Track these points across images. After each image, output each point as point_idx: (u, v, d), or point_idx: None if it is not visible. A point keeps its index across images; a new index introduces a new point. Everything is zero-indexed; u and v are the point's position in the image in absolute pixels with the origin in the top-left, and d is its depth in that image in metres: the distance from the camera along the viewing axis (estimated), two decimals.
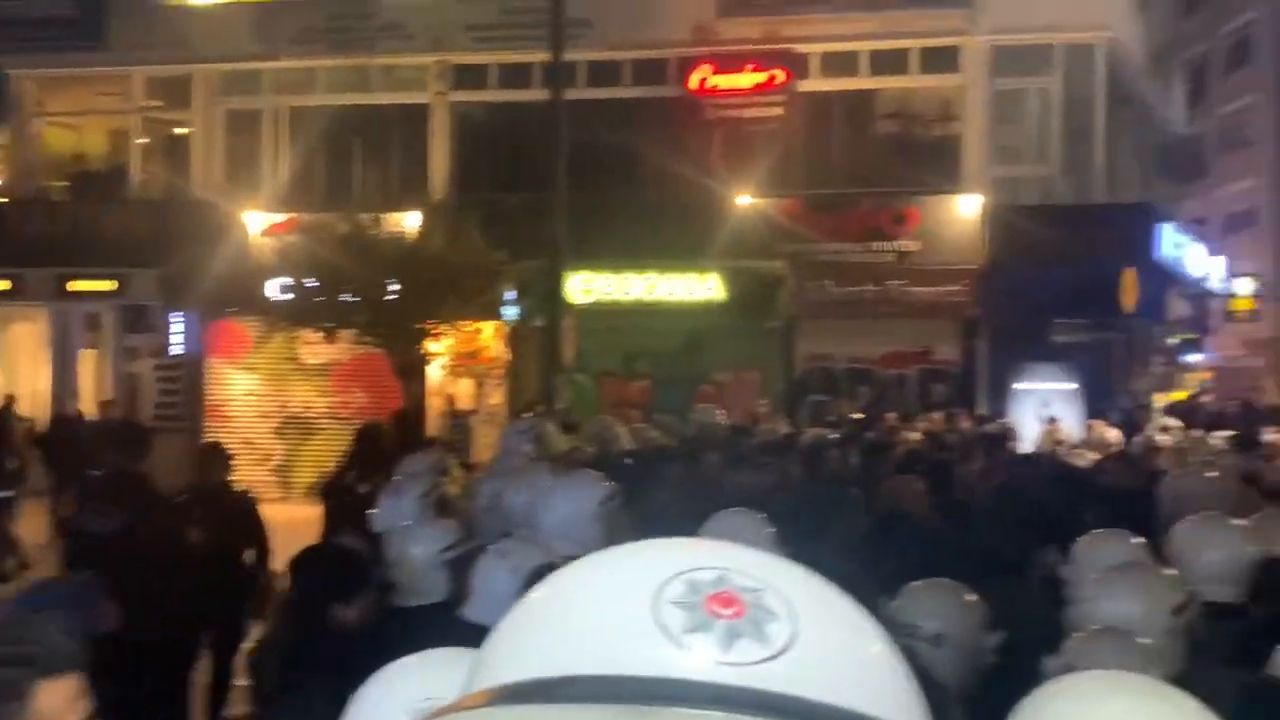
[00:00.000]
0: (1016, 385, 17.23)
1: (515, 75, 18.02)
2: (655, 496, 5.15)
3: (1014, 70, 17.22)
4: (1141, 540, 3.57)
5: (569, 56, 14.97)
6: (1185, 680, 2.75)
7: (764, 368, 17.61)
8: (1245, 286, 30.27)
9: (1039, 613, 3.64)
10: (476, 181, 18.51)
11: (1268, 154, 37.48)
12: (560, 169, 11.36)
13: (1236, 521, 3.66)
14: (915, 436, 9.92)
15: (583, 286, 16.98)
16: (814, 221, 17.17)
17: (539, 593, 0.66)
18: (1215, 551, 3.43)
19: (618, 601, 0.61)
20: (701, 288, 17.08)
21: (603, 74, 18.00)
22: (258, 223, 18.40)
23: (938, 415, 12.72)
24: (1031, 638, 3.12)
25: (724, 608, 0.60)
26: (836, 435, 9.37)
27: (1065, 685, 1.61)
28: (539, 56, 14.40)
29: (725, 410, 12.43)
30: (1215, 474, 5.74)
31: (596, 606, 0.62)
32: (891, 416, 11.93)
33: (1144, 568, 3.22)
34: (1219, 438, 9.58)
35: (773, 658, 0.58)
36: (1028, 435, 13.68)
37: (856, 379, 17.44)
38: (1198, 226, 31.46)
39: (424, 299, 14.96)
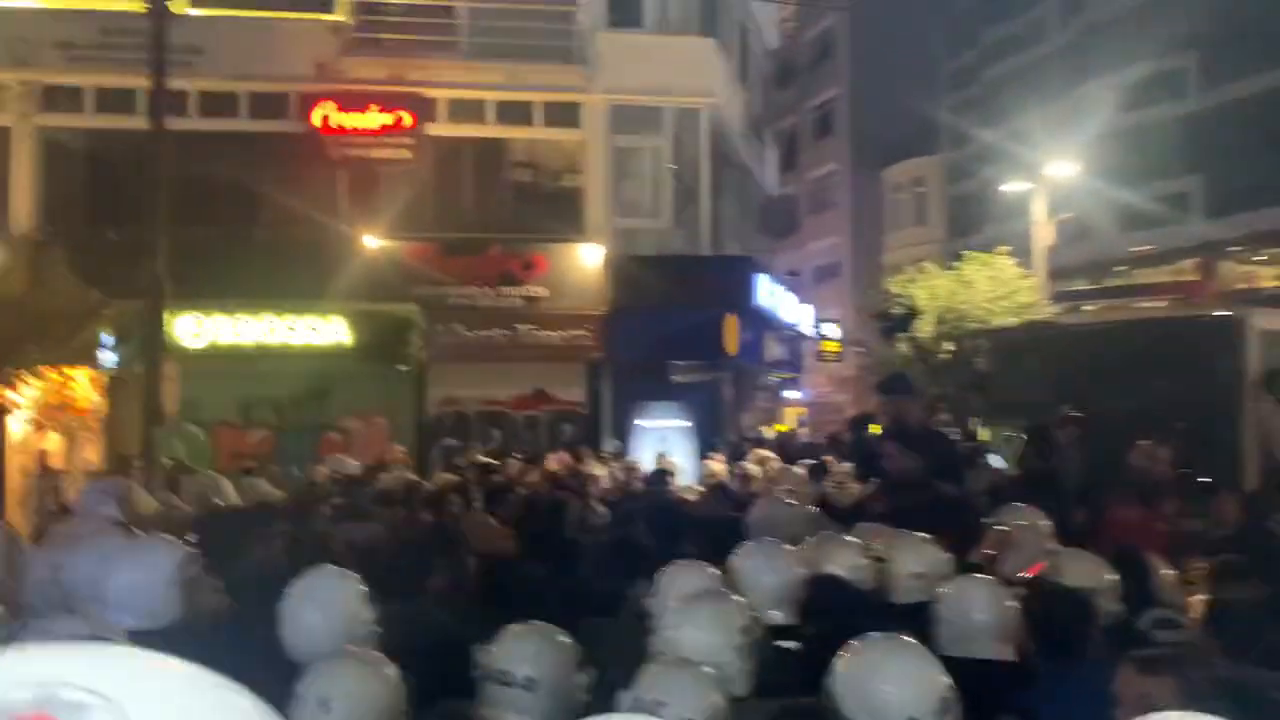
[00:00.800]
0: (638, 422, 18.22)
1: (115, 100, 16.54)
2: (255, 556, 4.86)
3: (629, 128, 18.33)
4: (715, 570, 3.85)
5: (179, 84, 14.00)
6: (743, 707, 3.03)
7: (394, 413, 17.27)
8: (832, 331, 34.05)
9: (632, 647, 3.83)
10: (68, 214, 16.73)
11: (847, 215, 42.72)
12: (160, 202, 10.52)
13: (788, 546, 4.06)
14: (534, 478, 10.14)
15: (193, 330, 15.82)
16: (444, 265, 17.19)
17: None
18: (771, 576, 3.78)
19: None
20: (327, 331, 16.46)
21: (217, 105, 17.01)
22: None
23: (558, 456, 13.08)
24: (622, 674, 3.29)
25: None
26: (459, 480, 9.39)
27: None
28: (140, 81, 13.30)
29: (355, 458, 12.02)
30: (792, 501, 6.35)
31: None
32: (514, 460, 12.11)
33: (714, 595, 3.47)
34: (803, 467, 10.59)
35: None
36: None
37: (488, 422, 17.60)
38: (791, 278, 35.11)
39: (1, 343, 13.21)
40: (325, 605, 3.26)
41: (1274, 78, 26.21)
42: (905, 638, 2.97)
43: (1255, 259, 27.67)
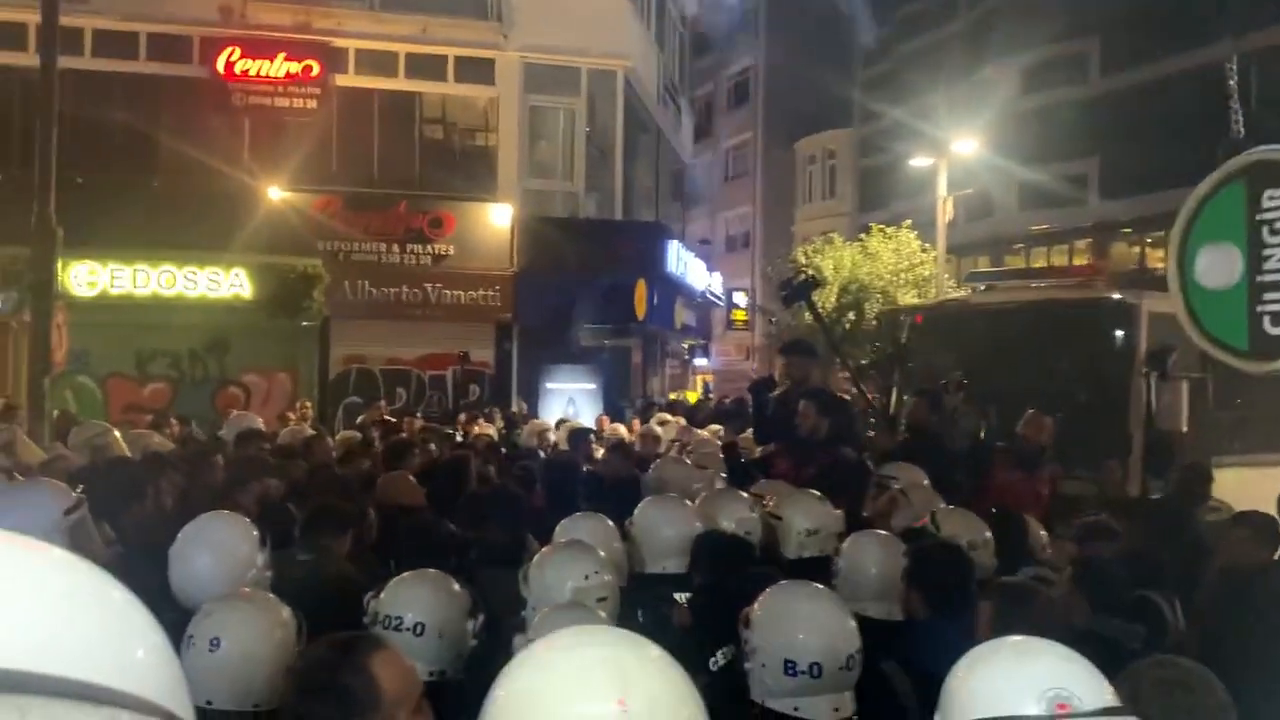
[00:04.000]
0: (547, 385, 18.24)
1: (5, 35, 15.76)
2: (146, 507, 4.77)
3: (544, 88, 18.17)
4: (610, 523, 3.94)
5: (73, 22, 13.40)
6: None
7: (296, 369, 17.00)
8: (741, 299, 34.48)
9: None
10: None
11: (759, 185, 43.07)
12: (52, 143, 10.08)
13: (685, 502, 4.16)
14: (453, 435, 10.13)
15: (86, 279, 15.28)
16: (351, 220, 16.89)
17: None
18: (668, 529, 3.88)
19: None
20: (227, 283, 16.07)
21: (114, 44, 16.34)
22: None
23: (464, 416, 13.04)
24: (514, 620, 3.36)
25: None
26: (363, 437, 9.32)
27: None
28: (32, 16, 12.69)
29: (255, 413, 11.78)
30: (689, 460, 6.47)
31: None
32: (416, 417, 12.04)
33: (567, 544, 3.55)
34: (710, 431, 10.73)
35: None
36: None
37: (395, 380, 17.42)
38: (704, 246, 35.35)
39: None
40: (216, 548, 3.24)
41: (1171, 64, 27.17)
42: (818, 586, 3.08)
43: (1146, 240, 28.81)
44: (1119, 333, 8.77)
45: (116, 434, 6.65)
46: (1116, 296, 9.10)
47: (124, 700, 0.59)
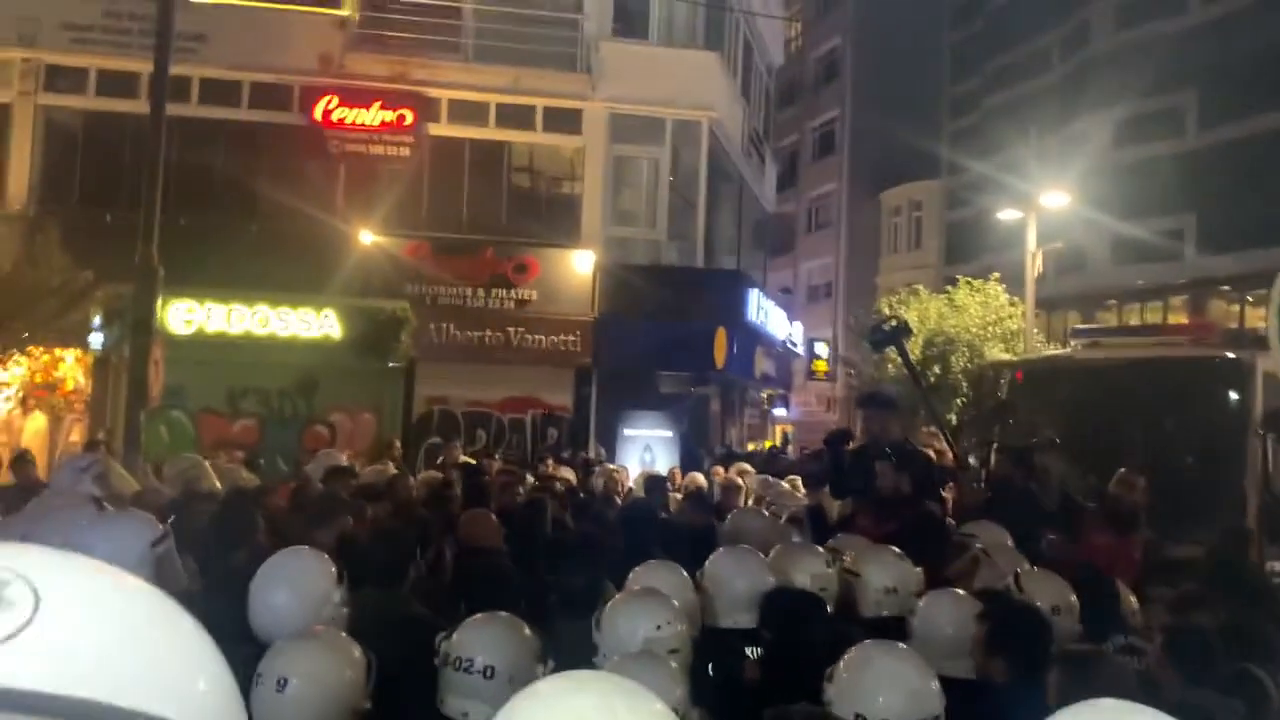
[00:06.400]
0: (625, 431, 18.25)
1: (117, 83, 16.59)
2: (237, 544, 4.87)
3: (629, 138, 18.41)
4: (684, 573, 3.88)
5: (181, 71, 14.03)
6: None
7: (381, 409, 17.30)
8: (823, 350, 34.17)
9: None
10: (64, 193, 16.77)
11: (842, 235, 42.86)
12: (157, 186, 10.53)
13: (759, 554, 4.09)
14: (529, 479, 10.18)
15: (184, 317, 15.82)
16: (438, 264, 17.23)
17: None
18: (741, 581, 3.82)
19: None
20: (318, 324, 16.48)
21: (218, 93, 17.05)
22: None
23: (548, 460, 13.10)
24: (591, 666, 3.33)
25: None
26: (444, 478, 9.40)
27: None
28: (144, 66, 13.33)
29: (340, 451, 12.01)
30: (767, 512, 6.38)
31: None
32: (495, 459, 12.14)
33: (642, 591, 3.50)
34: (788, 482, 10.61)
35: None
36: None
37: (476, 422, 17.61)
38: (785, 295, 35.21)
39: None
40: (294, 584, 3.28)
41: (1271, 118, 26.42)
42: (905, 647, 3.01)
43: (1247, 298, 27.86)
44: (1232, 393, 8.47)
45: (208, 467, 6.82)
46: (1230, 355, 8.80)
47: None
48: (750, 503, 8.36)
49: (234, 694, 0.67)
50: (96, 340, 14.87)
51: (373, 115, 17.28)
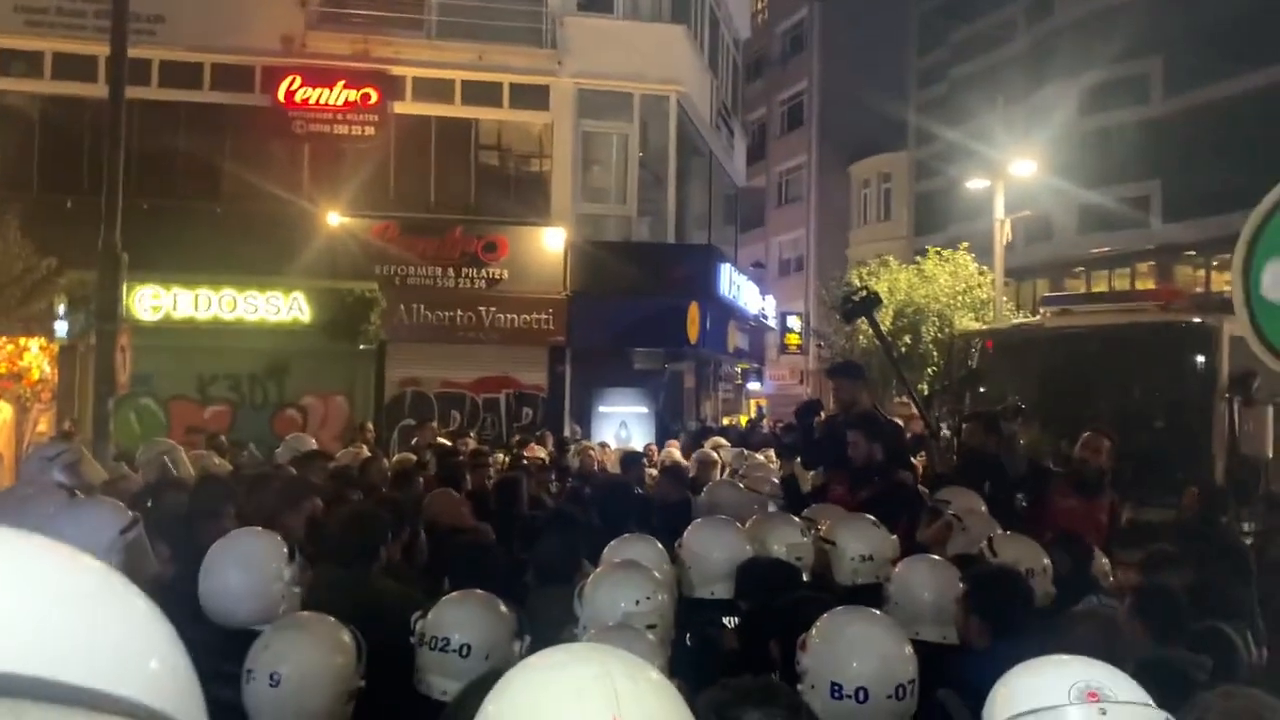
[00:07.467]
0: (600, 408, 18.25)
1: (74, 66, 16.29)
2: (207, 529, 4.83)
3: (597, 113, 18.30)
4: (660, 545, 3.89)
5: (141, 53, 13.78)
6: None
7: (353, 391, 17.22)
8: (795, 323, 34.29)
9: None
10: (23, 180, 16.45)
11: (813, 209, 42.93)
12: (119, 170, 10.36)
13: (735, 525, 4.10)
14: (500, 457, 10.17)
15: (150, 303, 15.64)
16: (408, 244, 17.10)
17: None
18: (718, 552, 3.83)
19: None
20: (286, 307, 16.35)
21: (179, 75, 16.79)
22: None
23: (520, 438, 13.09)
24: (569, 639, 3.32)
25: None
26: (418, 460, 9.37)
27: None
28: (101, 49, 13.08)
29: (312, 435, 11.94)
30: (741, 485, 6.40)
31: None
32: (470, 439, 12.11)
33: (628, 565, 3.50)
34: (765, 455, 10.64)
35: None
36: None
37: (449, 403, 17.55)
38: (757, 269, 35.27)
39: None
40: (242, 564, 3.24)
41: (1235, 84, 26.63)
42: (878, 613, 3.02)
43: (1212, 263, 28.18)
44: (1200, 357, 8.59)
45: (182, 451, 6.76)
46: (1197, 320, 8.90)
47: (129, 708, 0.58)
48: (725, 475, 8.39)
49: (189, 676, 0.66)
50: (61, 329, 14.62)
51: (336, 95, 17.08)
